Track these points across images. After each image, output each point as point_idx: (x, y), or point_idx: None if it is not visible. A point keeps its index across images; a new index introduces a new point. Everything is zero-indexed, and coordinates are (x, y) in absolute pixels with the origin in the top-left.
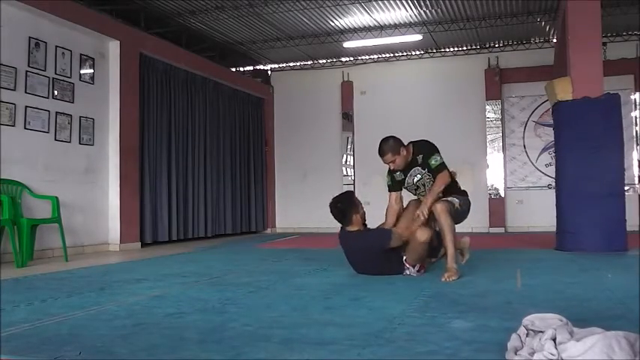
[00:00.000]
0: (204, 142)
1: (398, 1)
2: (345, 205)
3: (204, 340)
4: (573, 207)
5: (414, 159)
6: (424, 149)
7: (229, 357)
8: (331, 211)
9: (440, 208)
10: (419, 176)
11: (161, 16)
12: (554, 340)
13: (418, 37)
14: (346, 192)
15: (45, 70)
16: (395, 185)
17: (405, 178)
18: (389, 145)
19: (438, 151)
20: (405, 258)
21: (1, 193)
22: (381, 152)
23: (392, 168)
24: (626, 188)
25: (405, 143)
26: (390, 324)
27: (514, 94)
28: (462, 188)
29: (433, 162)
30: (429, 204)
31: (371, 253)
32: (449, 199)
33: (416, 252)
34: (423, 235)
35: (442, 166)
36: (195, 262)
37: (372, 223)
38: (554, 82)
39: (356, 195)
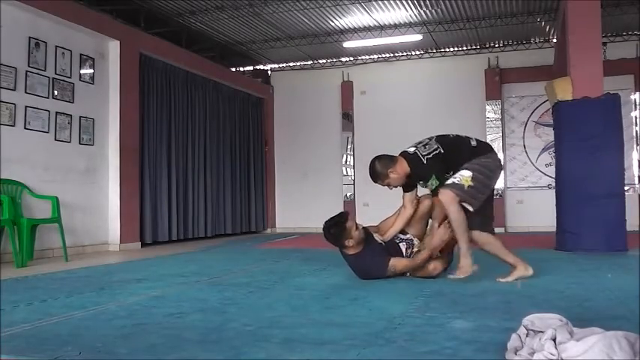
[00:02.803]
0: (204, 142)
1: (398, 1)
2: (337, 231)
3: (204, 340)
4: (573, 207)
5: (413, 181)
6: (420, 175)
7: (229, 357)
8: (324, 235)
9: (445, 199)
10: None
11: (161, 16)
12: (554, 340)
13: (418, 37)
14: (340, 214)
15: (45, 70)
16: (409, 185)
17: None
18: (376, 174)
19: (432, 170)
20: (408, 274)
21: (1, 193)
22: (373, 179)
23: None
24: (626, 188)
25: (397, 155)
26: (390, 324)
27: (514, 94)
28: (478, 142)
29: (432, 188)
30: (428, 253)
31: (369, 275)
32: (455, 178)
33: (422, 273)
34: (435, 270)
35: (436, 189)
36: (195, 262)
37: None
38: (554, 82)
39: (350, 214)
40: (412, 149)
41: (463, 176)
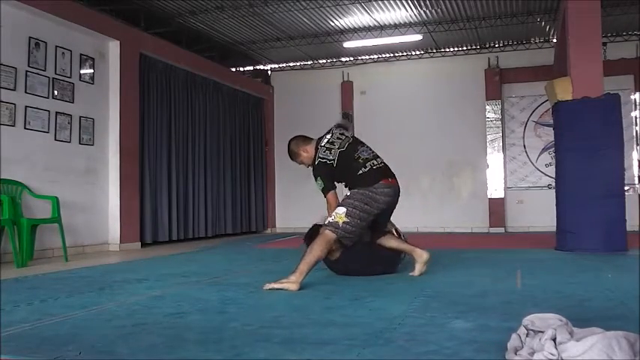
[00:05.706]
0: (205, 142)
1: (398, 1)
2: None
3: (204, 340)
4: (573, 207)
5: None
6: (314, 171)
7: (229, 357)
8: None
9: (323, 236)
10: None
11: (161, 16)
12: (554, 340)
13: (418, 37)
14: (313, 226)
15: (45, 70)
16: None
17: None
18: (290, 152)
19: (317, 173)
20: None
21: (1, 193)
22: (290, 158)
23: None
24: (626, 188)
25: (318, 139)
26: (390, 324)
27: (514, 94)
28: (364, 172)
29: (318, 188)
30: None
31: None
32: (331, 216)
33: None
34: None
35: (323, 192)
36: (196, 262)
37: None
38: (554, 82)
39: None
40: (324, 143)
41: (337, 213)
